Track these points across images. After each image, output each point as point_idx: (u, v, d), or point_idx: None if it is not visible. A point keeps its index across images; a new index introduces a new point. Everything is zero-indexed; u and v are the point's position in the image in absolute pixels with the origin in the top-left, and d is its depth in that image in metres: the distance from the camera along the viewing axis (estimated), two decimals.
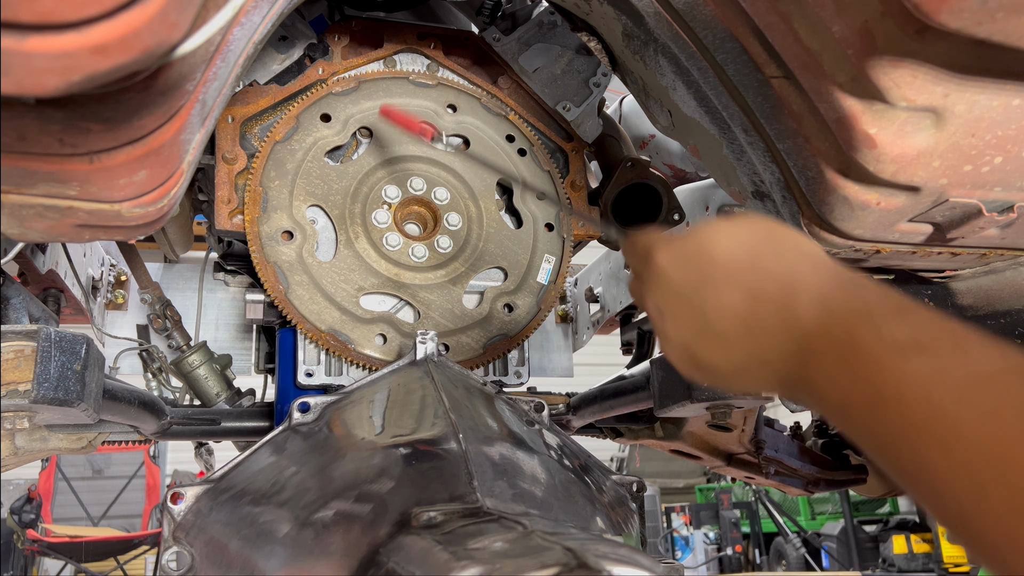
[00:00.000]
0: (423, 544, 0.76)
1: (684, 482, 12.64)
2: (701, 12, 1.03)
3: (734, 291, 0.72)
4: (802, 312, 0.68)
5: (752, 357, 0.72)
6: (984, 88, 0.88)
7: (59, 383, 1.04)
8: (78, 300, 1.81)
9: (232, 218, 1.33)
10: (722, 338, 0.73)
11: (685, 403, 1.37)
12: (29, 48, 0.48)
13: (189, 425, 1.51)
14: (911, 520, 9.16)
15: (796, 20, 0.89)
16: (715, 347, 0.75)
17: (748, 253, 0.73)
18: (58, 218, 0.84)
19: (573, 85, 1.59)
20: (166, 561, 1.05)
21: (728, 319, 0.72)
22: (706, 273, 0.74)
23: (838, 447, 2.02)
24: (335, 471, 1.01)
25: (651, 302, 0.81)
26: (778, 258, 0.72)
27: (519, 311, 1.45)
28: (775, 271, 0.71)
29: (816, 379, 0.66)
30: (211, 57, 0.78)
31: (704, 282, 0.74)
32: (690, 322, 0.76)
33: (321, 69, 1.46)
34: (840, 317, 0.66)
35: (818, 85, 0.93)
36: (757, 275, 0.72)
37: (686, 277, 0.76)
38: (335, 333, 1.32)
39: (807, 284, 0.69)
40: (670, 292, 0.78)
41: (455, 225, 1.43)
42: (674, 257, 0.78)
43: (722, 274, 0.73)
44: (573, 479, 1.09)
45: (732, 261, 0.73)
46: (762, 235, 0.75)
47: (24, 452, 1.25)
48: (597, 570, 0.61)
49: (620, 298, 2.19)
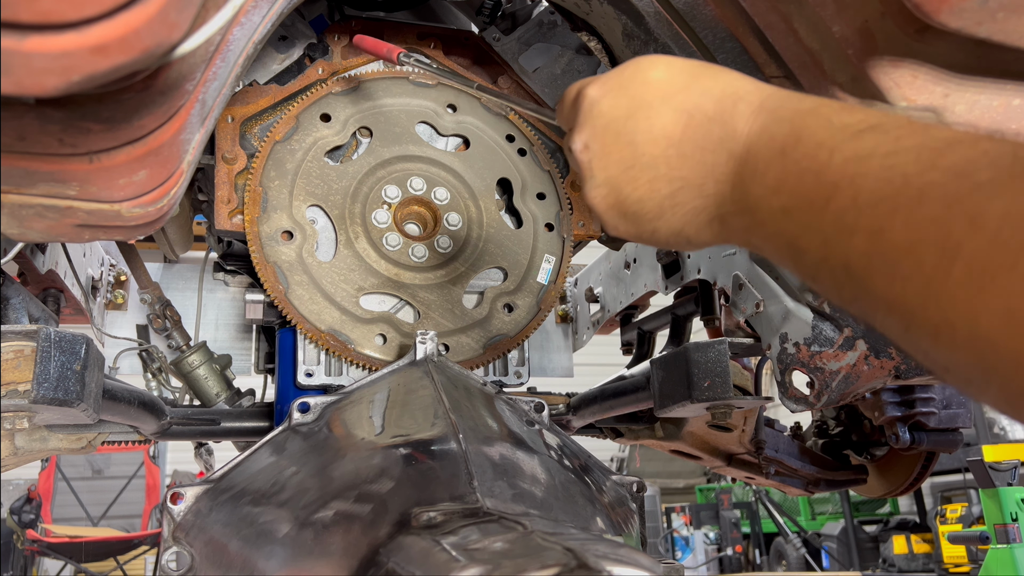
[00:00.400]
0: (423, 544, 0.75)
1: (684, 482, 12.65)
2: (701, 12, 1.03)
3: (668, 113, 0.67)
4: (741, 124, 0.62)
5: (683, 184, 0.66)
6: (984, 88, 0.88)
7: (59, 383, 1.04)
8: (78, 300, 1.81)
9: (232, 218, 1.33)
10: (651, 168, 0.67)
11: (685, 403, 1.37)
12: (29, 48, 0.48)
13: (189, 425, 1.51)
14: (911, 520, 9.16)
15: (796, 20, 0.89)
16: (644, 180, 0.68)
17: (685, 76, 0.68)
18: (58, 218, 0.83)
19: None
20: (166, 561, 1.05)
21: (659, 143, 0.67)
22: (639, 97, 0.69)
23: (838, 447, 2.02)
24: (335, 471, 1.01)
25: (579, 140, 0.74)
26: (718, 78, 0.67)
27: (519, 311, 1.45)
28: (713, 89, 0.66)
29: (754, 189, 0.60)
30: (211, 57, 0.78)
31: (637, 108, 0.68)
32: (619, 155, 0.69)
33: (321, 69, 1.46)
34: (784, 116, 0.59)
35: (818, 85, 0.93)
36: (693, 95, 0.66)
37: (617, 105, 0.70)
38: (335, 333, 1.32)
39: (748, 97, 0.63)
40: (599, 124, 0.71)
41: (455, 225, 1.43)
42: (606, 87, 0.72)
43: (656, 97, 0.68)
44: (573, 479, 1.09)
45: (668, 84, 0.68)
46: (702, 64, 0.70)
47: (24, 452, 1.25)
48: (597, 570, 0.61)
49: (620, 298, 2.19)
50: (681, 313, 1.92)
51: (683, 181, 0.66)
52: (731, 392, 1.34)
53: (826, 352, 1.25)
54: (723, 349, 1.36)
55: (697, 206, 0.67)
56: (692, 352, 1.36)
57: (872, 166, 0.50)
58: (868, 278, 0.50)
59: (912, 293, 0.46)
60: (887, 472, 1.96)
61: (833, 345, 1.24)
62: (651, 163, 0.67)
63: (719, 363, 1.35)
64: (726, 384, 1.34)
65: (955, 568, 7.42)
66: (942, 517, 7.47)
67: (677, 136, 0.66)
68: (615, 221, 0.74)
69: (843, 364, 1.24)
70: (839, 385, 1.25)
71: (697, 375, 1.35)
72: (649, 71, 0.70)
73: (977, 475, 4.54)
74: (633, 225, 0.73)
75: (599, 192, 0.73)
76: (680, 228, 0.69)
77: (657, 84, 0.69)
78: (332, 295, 1.33)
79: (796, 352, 1.29)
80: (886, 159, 0.49)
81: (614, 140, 0.70)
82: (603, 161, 0.71)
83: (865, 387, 1.27)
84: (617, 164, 0.70)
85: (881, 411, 1.70)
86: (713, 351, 1.36)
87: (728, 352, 1.36)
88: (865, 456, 2.00)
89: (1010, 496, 4.42)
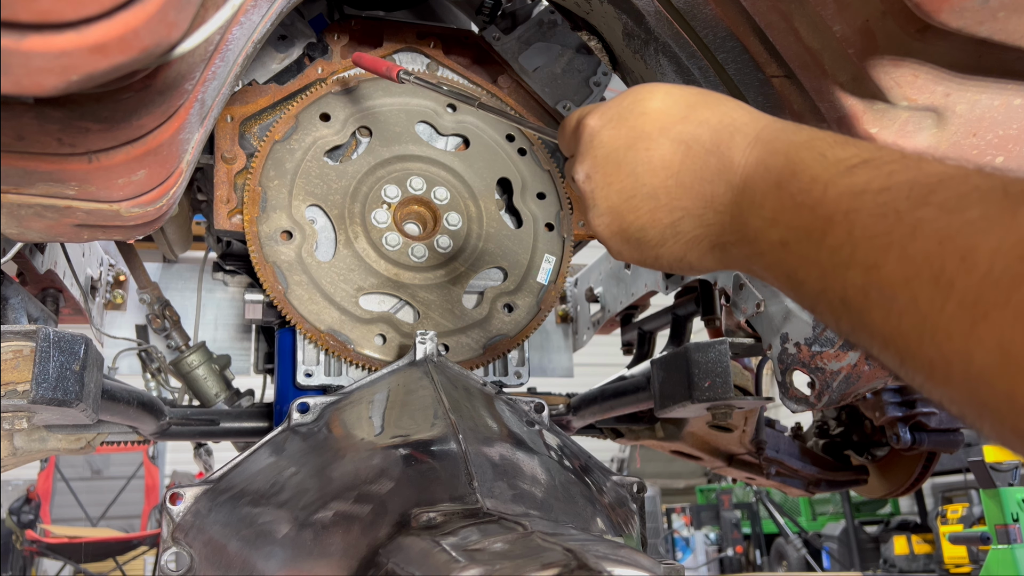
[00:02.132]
0: (423, 545, 0.75)
1: (685, 483, 12.64)
2: (702, 11, 1.03)
3: (667, 144, 0.68)
4: (737, 155, 0.64)
5: (684, 213, 0.68)
6: (985, 87, 0.87)
7: (58, 383, 1.03)
8: (77, 300, 1.81)
9: (231, 218, 1.33)
10: (652, 198, 0.69)
11: (686, 403, 1.37)
12: (28, 47, 0.48)
13: (188, 425, 1.51)
14: (912, 521, 9.16)
15: (797, 19, 0.89)
16: (645, 209, 0.70)
17: (682, 107, 0.70)
18: (57, 218, 0.83)
19: (573, 84, 1.58)
20: (165, 562, 1.05)
21: (658, 173, 0.69)
22: (638, 128, 0.71)
23: (839, 448, 2.02)
24: (334, 472, 1.00)
25: (580, 170, 0.76)
26: (714, 109, 0.69)
27: (519, 311, 1.45)
28: (711, 120, 0.68)
29: (752, 221, 0.61)
30: (210, 56, 0.78)
31: (636, 138, 0.71)
32: (620, 184, 0.72)
33: (320, 68, 1.45)
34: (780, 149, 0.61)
35: (819, 84, 0.93)
36: (691, 125, 0.68)
37: (617, 136, 0.72)
38: (334, 333, 1.32)
39: (745, 129, 0.65)
40: (600, 155, 0.73)
41: (455, 225, 1.43)
42: (605, 118, 0.74)
43: (654, 127, 0.70)
44: (573, 480, 1.09)
45: (665, 114, 0.70)
46: (698, 92, 0.71)
47: (23, 452, 1.25)
48: (597, 571, 0.61)
49: (620, 298, 2.19)
50: (681, 313, 1.92)
51: (683, 211, 0.68)
52: (732, 392, 1.34)
53: (827, 352, 1.25)
54: (724, 349, 1.36)
55: (698, 235, 0.68)
56: (692, 352, 1.36)
57: (866, 202, 0.51)
58: (865, 312, 0.51)
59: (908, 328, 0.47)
60: (888, 472, 1.96)
61: (834, 345, 1.24)
62: (652, 193, 0.69)
63: (720, 363, 1.35)
64: (727, 384, 1.34)
65: (956, 569, 7.42)
66: (943, 517, 7.47)
67: (676, 167, 0.68)
68: (619, 247, 0.76)
69: (844, 364, 1.24)
70: (840, 385, 1.24)
71: (697, 375, 1.35)
72: (647, 101, 0.72)
73: (978, 475, 4.54)
74: (637, 251, 0.75)
75: (602, 220, 0.75)
76: (682, 255, 0.71)
77: (655, 115, 0.70)
78: (331, 295, 1.32)
79: (797, 352, 1.28)
80: (879, 195, 0.50)
81: (615, 170, 0.72)
82: (605, 191, 0.73)
83: (866, 387, 1.27)
84: (619, 193, 0.72)
85: (882, 411, 1.70)
86: (714, 351, 1.35)
87: (729, 352, 1.36)
88: (866, 456, 2.00)
89: (1011, 496, 4.41)
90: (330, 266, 1.34)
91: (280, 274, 1.31)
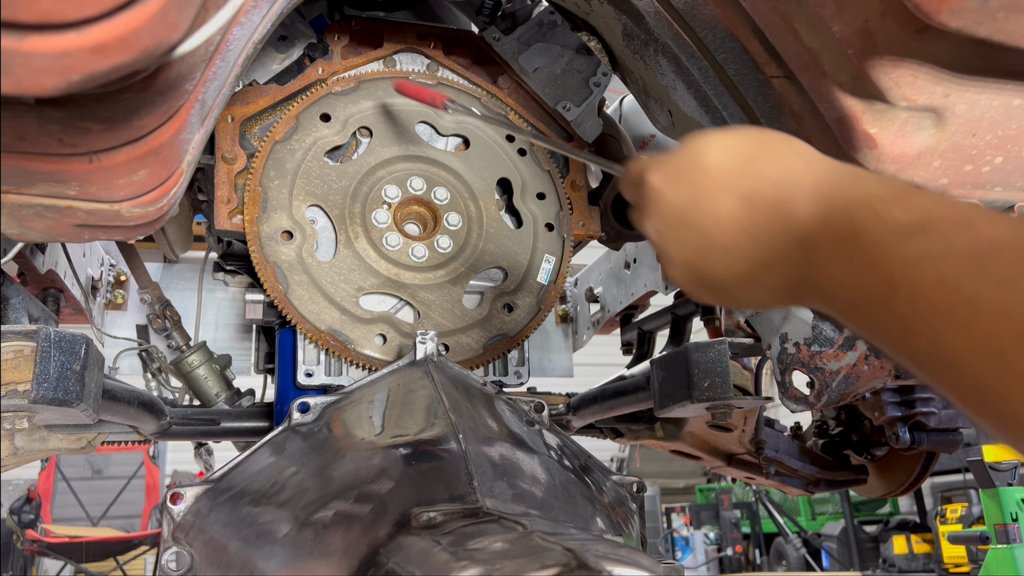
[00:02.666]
0: (423, 544, 0.75)
1: (684, 482, 12.64)
2: (701, 12, 1.03)
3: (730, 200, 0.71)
4: (800, 210, 0.66)
5: (757, 265, 0.70)
6: (985, 88, 0.87)
7: (58, 383, 1.03)
8: (77, 300, 1.81)
9: (231, 218, 1.33)
10: (725, 251, 0.72)
11: (685, 403, 1.37)
12: (29, 48, 0.48)
13: (188, 425, 1.51)
14: (912, 521, 9.16)
15: (796, 20, 0.89)
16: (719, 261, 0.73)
17: (739, 159, 0.72)
18: (57, 218, 0.83)
19: (573, 85, 1.59)
20: (166, 561, 1.05)
21: (728, 229, 0.71)
22: (700, 186, 0.73)
23: (839, 447, 2.02)
24: (335, 471, 1.01)
25: (650, 226, 0.79)
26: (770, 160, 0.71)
27: (519, 311, 1.45)
28: (769, 173, 0.70)
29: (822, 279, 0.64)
30: (210, 57, 0.78)
31: (699, 196, 0.73)
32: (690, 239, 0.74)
33: (321, 69, 1.46)
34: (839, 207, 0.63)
35: (818, 85, 0.93)
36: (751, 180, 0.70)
37: (680, 194, 0.75)
38: (335, 333, 1.32)
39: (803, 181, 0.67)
40: (667, 213, 0.76)
41: (455, 225, 1.43)
42: (666, 176, 0.76)
43: (716, 184, 0.72)
44: (573, 479, 1.09)
45: (724, 170, 0.72)
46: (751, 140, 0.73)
47: (23, 452, 1.25)
48: (597, 570, 0.61)
49: (620, 298, 2.19)
50: (681, 313, 1.92)
51: (755, 263, 0.70)
52: (731, 392, 1.34)
53: (826, 352, 1.25)
54: (723, 349, 1.36)
55: (773, 283, 0.71)
56: (692, 352, 1.36)
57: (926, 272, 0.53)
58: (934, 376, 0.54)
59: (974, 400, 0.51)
60: (887, 472, 1.96)
61: (833, 345, 1.24)
62: (723, 247, 0.72)
63: (719, 363, 1.35)
64: (726, 384, 1.34)
65: (955, 568, 7.42)
66: (942, 517, 7.47)
67: (744, 222, 0.70)
68: (698, 294, 0.79)
69: (843, 364, 1.24)
70: (839, 385, 1.25)
71: (697, 375, 1.35)
72: (705, 156, 0.74)
73: (977, 475, 4.54)
74: (716, 297, 0.78)
75: (679, 273, 0.78)
76: (761, 301, 0.75)
77: (714, 171, 0.72)
78: (332, 295, 1.33)
79: (796, 352, 1.29)
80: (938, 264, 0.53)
81: (682, 227, 0.75)
82: (677, 246, 0.76)
83: (865, 387, 1.27)
84: (690, 247, 0.75)
85: (881, 411, 1.70)
86: (713, 351, 1.36)
87: (728, 352, 1.36)
88: (865, 456, 2.00)
89: (1010, 496, 4.42)
90: (330, 266, 1.34)
91: (281, 274, 1.31)
